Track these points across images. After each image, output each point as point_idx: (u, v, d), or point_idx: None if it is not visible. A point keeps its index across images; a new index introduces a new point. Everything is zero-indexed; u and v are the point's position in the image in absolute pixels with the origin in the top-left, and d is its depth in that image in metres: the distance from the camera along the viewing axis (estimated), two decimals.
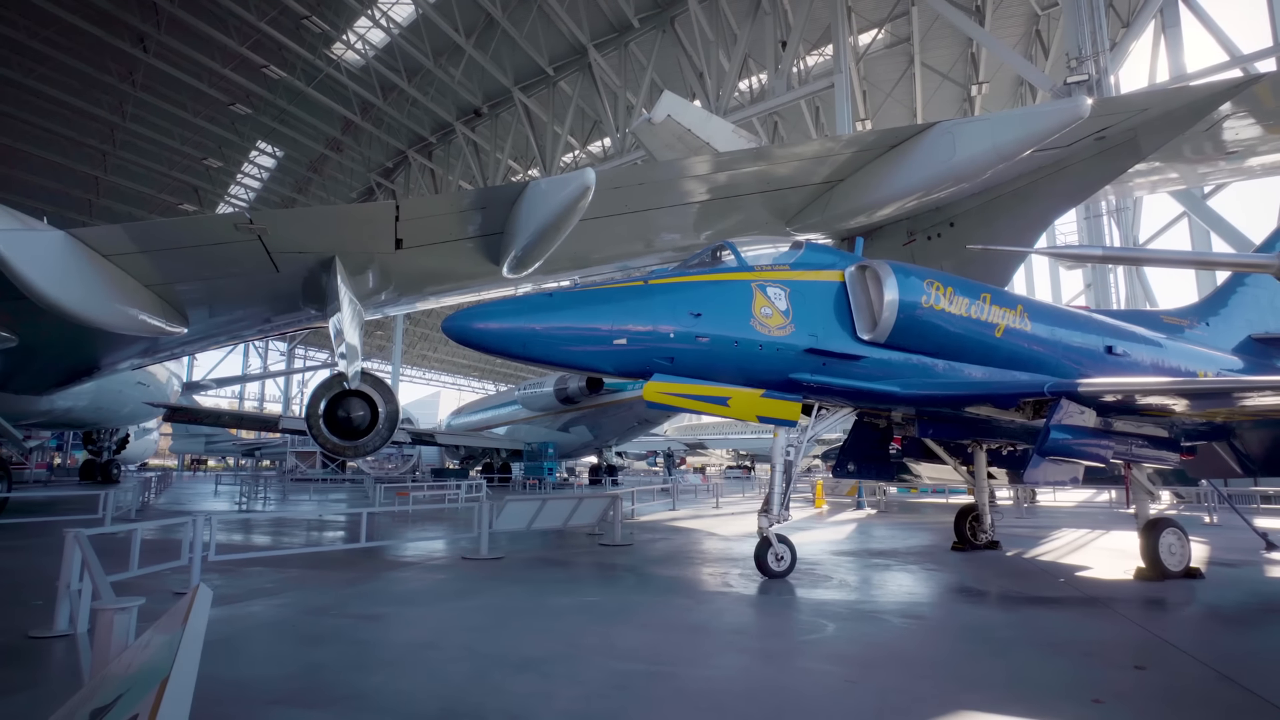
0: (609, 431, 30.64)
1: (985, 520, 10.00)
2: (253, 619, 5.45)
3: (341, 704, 3.52)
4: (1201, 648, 4.68)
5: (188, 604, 1.91)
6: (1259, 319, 11.02)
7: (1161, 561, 7.33)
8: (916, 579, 7.59)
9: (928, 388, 7.58)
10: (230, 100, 30.16)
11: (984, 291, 7.86)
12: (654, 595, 6.61)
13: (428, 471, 36.30)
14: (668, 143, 14.37)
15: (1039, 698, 3.68)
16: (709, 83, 25.94)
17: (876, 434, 9.89)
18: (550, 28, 27.59)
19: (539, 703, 3.53)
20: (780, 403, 7.32)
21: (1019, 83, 30.75)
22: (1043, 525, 13.82)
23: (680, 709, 3.50)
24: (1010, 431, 9.15)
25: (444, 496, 19.02)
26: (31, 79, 26.05)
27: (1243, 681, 3.92)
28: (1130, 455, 7.47)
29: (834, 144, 9.47)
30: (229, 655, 4.37)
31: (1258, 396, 6.63)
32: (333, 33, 27.79)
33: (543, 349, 6.48)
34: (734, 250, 7.34)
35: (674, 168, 10.05)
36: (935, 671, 4.20)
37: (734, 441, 57.90)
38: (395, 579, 7.49)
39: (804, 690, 3.85)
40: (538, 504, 10.25)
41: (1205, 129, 9.64)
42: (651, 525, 13.85)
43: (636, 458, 52.68)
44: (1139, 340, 9.11)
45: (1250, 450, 8.58)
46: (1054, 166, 9.66)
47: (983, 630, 5.26)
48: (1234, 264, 6.85)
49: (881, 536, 11.81)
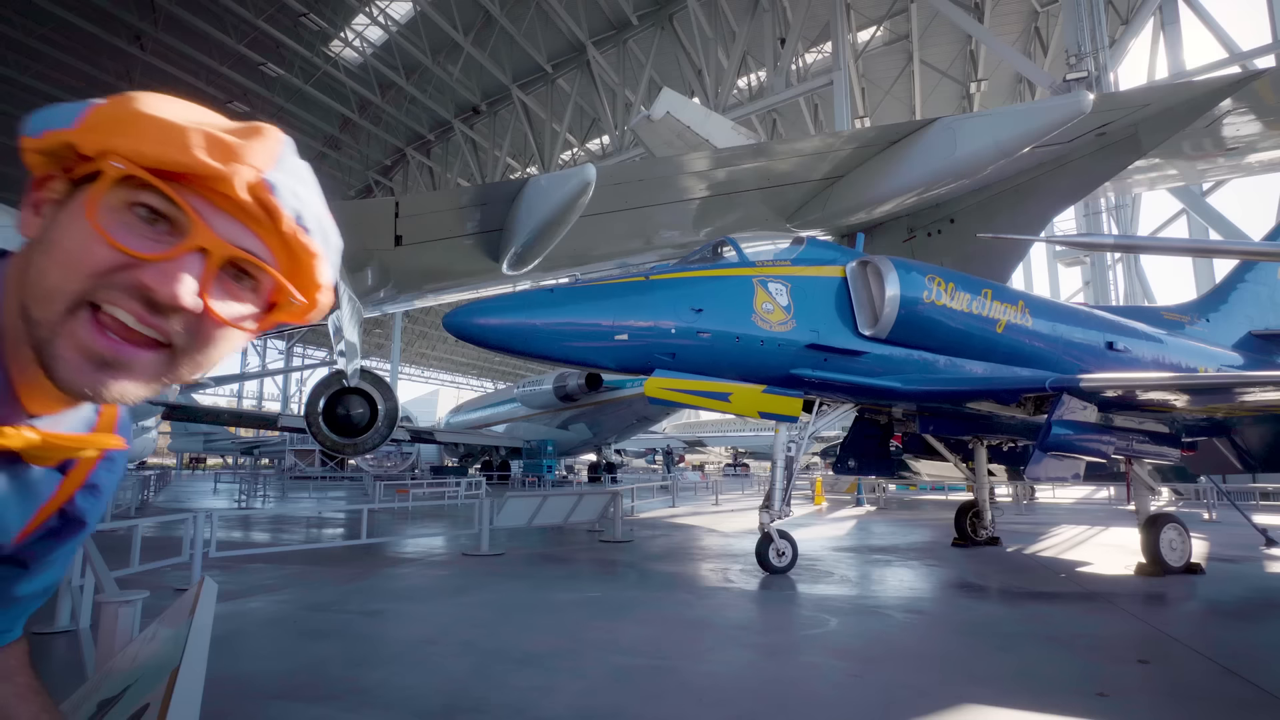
0: (608, 429, 30.61)
1: (986, 516, 10.01)
2: (254, 614, 5.44)
3: (344, 699, 3.51)
4: (1204, 642, 4.68)
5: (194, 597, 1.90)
6: (1259, 315, 11.03)
7: (1162, 557, 7.34)
8: (918, 574, 7.59)
9: (929, 383, 7.57)
10: (228, 98, 30.04)
11: (985, 287, 7.86)
12: (655, 591, 6.60)
13: (427, 469, 36.31)
14: (667, 140, 14.35)
15: (1044, 691, 3.68)
16: (708, 80, 25.90)
17: (877, 430, 9.89)
18: (549, 25, 27.53)
19: (542, 696, 3.53)
20: (782, 398, 7.32)
21: (1018, 80, 30.71)
22: (1042, 521, 13.83)
23: (684, 703, 3.50)
24: (1011, 427, 9.16)
25: (443, 494, 19.01)
26: (28, 76, 25.96)
27: (1245, 674, 3.92)
28: (1131, 451, 7.48)
29: (835, 140, 9.45)
30: (231, 650, 4.36)
31: (1258, 392, 6.64)
32: (330, 30, 27.70)
33: (544, 344, 6.46)
34: (735, 246, 7.32)
35: (674, 164, 10.03)
36: (939, 665, 4.20)
37: (732, 439, 57.95)
38: (396, 575, 7.47)
39: (808, 684, 3.85)
40: (538, 501, 10.24)
41: (1205, 125, 9.64)
42: (651, 522, 13.85)
43: (635, 455, 52.66)
44: (1140, 336, 9.12)
45: (1250, 446, 8.59)
46: (1055, 163, 9.66)
47: (985, 625, 5.26)
48: (1243, 252, 6.84)
49: (882, 533, 11.81)
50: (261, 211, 0.67)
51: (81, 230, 0.63)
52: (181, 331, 0.67)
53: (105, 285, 0.63)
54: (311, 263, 0.72)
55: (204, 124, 0.65)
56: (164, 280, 0.63)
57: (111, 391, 0.67)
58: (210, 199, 0.65)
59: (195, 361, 0.71)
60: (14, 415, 0.72)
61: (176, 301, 0.64)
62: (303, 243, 0.70)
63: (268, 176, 0.66)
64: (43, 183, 0.70)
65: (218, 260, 0.66)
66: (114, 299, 0.64)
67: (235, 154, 0.64)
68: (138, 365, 0.67)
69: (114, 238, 0.63)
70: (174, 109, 0.66)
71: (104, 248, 0.63)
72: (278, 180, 0.67)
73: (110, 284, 0.63)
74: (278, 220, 0.68)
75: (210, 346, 0.71)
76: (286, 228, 0.68)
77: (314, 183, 0.73)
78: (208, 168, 0.63)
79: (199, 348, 0.70)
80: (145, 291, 0.63)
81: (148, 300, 0.64)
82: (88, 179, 0.66)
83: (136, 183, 0.63)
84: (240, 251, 0.67)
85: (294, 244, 0.70)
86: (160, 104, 0.66)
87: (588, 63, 28.80)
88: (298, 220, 0.69)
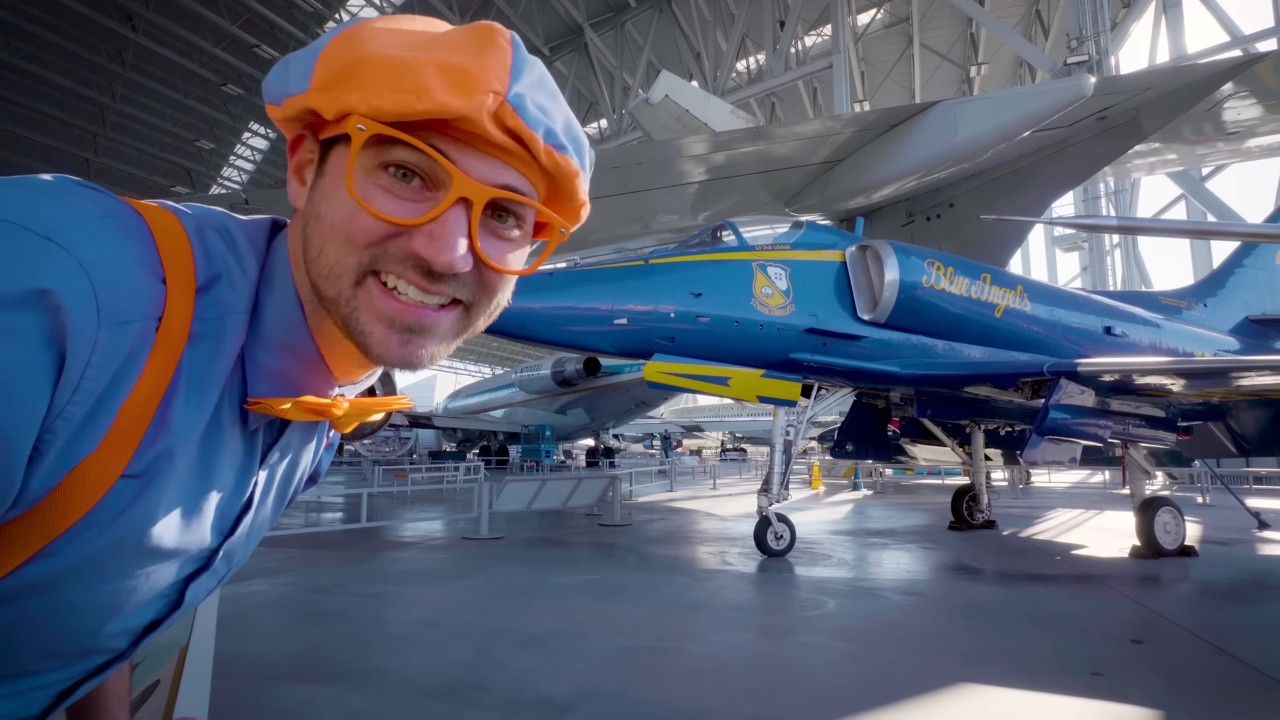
0: (606, 414, 30.65)
1: (982, 500, 10.08)
2: (255, 597, 5.47)
3: (346, 680, 3.54)
4: (1196, 622, 4.74)
5: None
6: (1256, 300, 11.06)
7: (1157, 540, 7.40)
8: (915, 557, 7.65)
9: (928, 368, 7.59)
10: (222, 81, 29.75)
11: (984, 272, 7.86)
12: (654, 573, 6.65)
13: (425, 454, 36.36)
14: (665, 123, 14.25)
15: (1039, 670, 3.73)
16: (706, 63, 25.68)
17: (874, 415, 9.93)
18: (545, 7, 27.25)
19: (543, 677, 3.56)
20: (780, 383, 7.33)
21: (1018, 63, 30.51)
22: (1038, 505, 13.93)
23: (684, 682, 3.54)
24: (1008, 412, 9.20)
25: (442, 479, 19.07)
26: (18, 58, 25.65)
27: (1237, 654, 3.98)
28: (1128, 435, 7.52)
29: (834, 123, 9.41)
30: (233, 632, 4.38)
31: (1254, 376, 6.66)
32: (324, 11, 27.37)
33: (542, 329, 6.45)
34: (734, 230, 7.30)
35: (673, 148, 9.98)
36: (936, 646, 4.25)
37: (730, 424, 58.11)
38: (396, 558, 7.51)
39: (806, 664, 3.90)
40: (537, 485, 10.28)
41: (1206, 109, 9.61)
42: (650, 506, 13.92)
43: (633, 440, 52.80)
44: (1137, 321, 9.14)
45: (1245, 430, 8.64)
46: (1055, 147, 9.64)
47: (981, 606, 5.32)
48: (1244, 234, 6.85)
49: (879, 516, 11.89)
50: (512, 141, 0.64)
51: (345, 202, 0.63)
52: (465, 288, 0.67)
53: (382, 255, 0.63)
54: (573, 182, 0.70)
55: (434, 52, 0.61)
56: (436, 247, 0.62)
57: (423, 357, 0.68)
58: (459, 138, 0.63)
59: (486, 311, 0.72)
60: (327, 384, 0.74)
61: (453, 269, 0.63)
62: (560, 162, 0.67)
63: (510, 97, 0.62)
64: (296, 145, 0.70)
65: (480, 206, 0.64)
66: (394, 269, 0.64)
67: (473, 82, 0.60)
68: (440, 328, 0.67)
69: (376, 207, 0.62)
70: (397, 36, 0.63)
71: (369, 219, 0.62)
72: (521, 96, 0.63)
73: (386, 254, 0.63)
74: (531, 146, 0.64)
75: (496, 294, 0.71)
76: (541, 150, 0.65)
77: (551, 82, 0.68)
78: (449, 109, 0.59)
79: (487, 298, 0.70)
80: (421, 261, 0.63)
81: (425, 270, 0.64)
82: (335, 139, 0.65)
83: (383, 139, 0.61)
84: (502, 191, 0.64)
85: (550, 166, 0.67)
86: (382, 36, 0.63)
87: (585, 45, 28.54)
88: (549, 139, 0.65)
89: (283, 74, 0.66)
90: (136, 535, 0.63)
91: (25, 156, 31.48)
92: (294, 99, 0.64)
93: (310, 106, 0.63)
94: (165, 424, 0.61)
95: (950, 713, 3.19)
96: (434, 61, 0.60)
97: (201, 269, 0.63)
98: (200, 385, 0.64)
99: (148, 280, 0.58)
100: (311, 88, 0.63)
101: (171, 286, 0.60)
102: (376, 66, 0.60)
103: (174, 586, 0.73)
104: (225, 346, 0.65)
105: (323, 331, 0.70)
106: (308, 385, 0.72)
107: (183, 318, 0.61)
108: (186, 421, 0.63)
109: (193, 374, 0.63)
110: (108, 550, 0.62)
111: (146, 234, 0.60)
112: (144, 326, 0.57)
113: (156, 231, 0.61)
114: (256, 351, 0.68)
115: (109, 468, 0.59)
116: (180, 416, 0.62)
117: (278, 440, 0.77)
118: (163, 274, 0.59)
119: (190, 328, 0.61)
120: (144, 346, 0.58)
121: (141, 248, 0.59)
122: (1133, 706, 3.21)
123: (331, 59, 0.63)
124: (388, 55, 0.61)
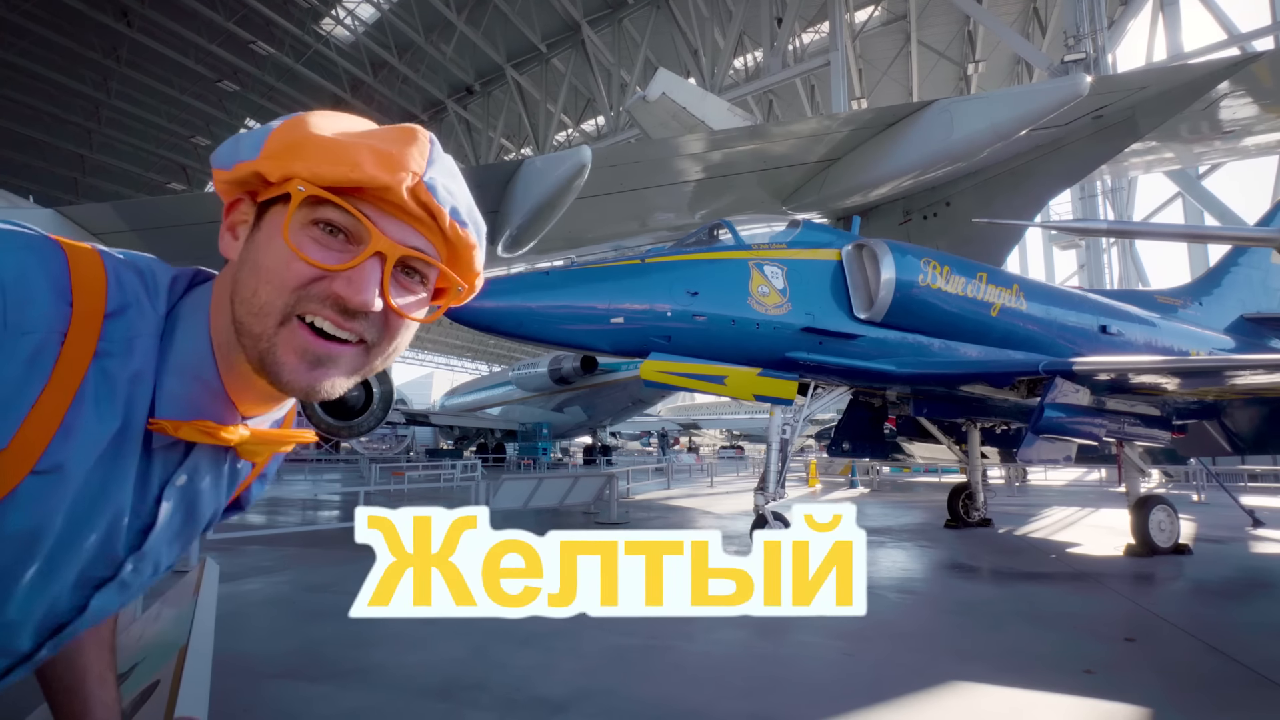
0: (603, 412, 30.64)
1: (978, 498, 10.11)
2: (252, 595, 5.48)
3: (344, 678, 3.55)
4: (1190, 620, 4.76)
5: (197, 577, 1.92)
6: (1251, 299, 11.09)
7: (1151, 538, 7.43)
8: (910, 555, 7.68)
9: (924, 366, 7.61)
10: (217, 77, 29.63)
11: (980, 270, 7.87)
12: None
13: (422, 452, 36.34)
14: (662, 121, 14.25)
15: (1031, 668, 3.75)
16: (704, 60, 25.64)
17: (871, 413, 9.95)
18: (543, 3, 27.16)
19: (540, 675, 3.58)
20: (777, 381, 7.33)
21: (1016, 62, 30.49)
22: (1034, 503, 13.98)
23: (680, 681, 3.55)
24: (1004, 410, 9.23)
25: (439, 476, 19.07)
26: (12, 54, 25.52)
27: (1229, 652, 4.00)
28: (1123, 433, 7.54)
29: (831, 122, 9.39)
30: (230, 630, 4.36)
31: (1248, 375, 6.69)
32: (321, 7, 27.28)
33: (539, 327, 6.45)
34: (731, 228, 7.30)
35: (669, 146, 9.96)
36: (930, 644, 4.27)
37: (727, 422, 58.11)
38: None
39: (801, 662, 3.91)
40: (534, 483, 10.28)
41: (1202, 108, 9.61)
42: (647, 504, 13.93)
43: (630, 438, 52.82)
44: (1133, 320, 9.16)
45: (1240, 428, 8.68)
46: (1051, 146, 9.63)
47: (976, 605, 5.34)
48: (1235, 238, 6.87)
49: (875, 514, 11.92)
50: (423, 211, 0.76)
51: (280, 250, 0.73)
52: (372, 328, 0.78)
53: (306, 298, 0.74)
54: (470, 253, 0.82)
55: (367, 139, 0.74)
56: (353, 289, 0.73)
57: (325, 388, 0.78)
58: (379, 206, 0.74)
59: (385, 352, 0.82)
60: (231, 416, 0.83)
61: (367, 308, 0.74)
62: (461, 235, 0.79)
63: (425, 179, 0.74)
64: (233, 207, 0.81)
65: (393, 261, 0.75)
66: (314, 309, 0.74)
67: (397, 163, 0.72)
68: (343, 361, 0.77)
69: (307, 255, 0.72)
70: (337, 125, 0.76)
71: (301, 264, 0.73)
72: (434, 179, 0.75)
73: (310, 296, 0.74)
74: (439, 218, 0.77)
75: (396, 337, 0.81)
76: (446, 224, 0.77)
77: (459, 174, 0.81)
78: (376, 180, 0.71)
79: (387, 340, 0.80)
80: (339, 301, 0.74)
81: (342, 308, 0.74)
82: (271, 201, 0.76)
83: (316, 200, 0.72)
84: (411, 250, 0.76)
85: (453, 237, 0.79)
86: (325, 123, 0.75)
87: (583, 42, 28.47)
88: (454, 215, 0.78)
89: (234, 146, 0.78)
90: (38, 531, 0.70)
91: (19, 152, 31.35)
92: (244, 164, 0.75)
93: (258, 170, 0.74)
94: (72, 429, 0.69)
95: (943, 711, 3.21)
96: (367, 145, 0.72)
97: (114, 297, 0.73)
98: (109, 398, 0.72)
99: (53, 300, 0.68)
100: (261, 156, 0.74)
101: (79, 308, 0.69)
102: (319, 145, 0.72)
103: (77, 590, 0.79)
104: (131, 366, 0.74)
105: (231, 368, 0.79)
106: (210, 414, 0.80)
107: (88, 336, 0.70)
108: (92, 430, 0.71)
109: (100, 387, 0.71)
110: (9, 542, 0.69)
111: (62, 264, 0.70)
112: (46, 338, 0.66)
113: (73, 263, 0.71)
114: (166, 378, 0.77)
115: (19, 464, 0.66)
116: (87, 424, 0.70)
117: (183, 463, 0.84)
118: (70, 297, 0.69)
119: (96, 345, 0.70)
120: (46, 356, 0.66)
121: (55, 274, 0.69)
122: (1124, 704, 3.23)
123: (281, 136, 0.74)
124: (329, 138, 0.73)
